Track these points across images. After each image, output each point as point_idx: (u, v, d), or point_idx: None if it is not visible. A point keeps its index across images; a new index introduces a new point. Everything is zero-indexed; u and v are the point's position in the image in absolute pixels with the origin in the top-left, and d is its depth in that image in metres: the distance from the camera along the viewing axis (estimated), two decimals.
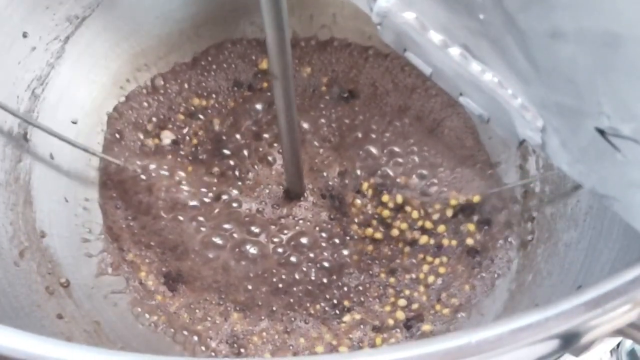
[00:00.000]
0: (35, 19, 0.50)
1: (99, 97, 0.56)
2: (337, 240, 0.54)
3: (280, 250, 0.54)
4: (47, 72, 0.52)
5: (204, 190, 0.56)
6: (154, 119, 0.58)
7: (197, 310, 0.52)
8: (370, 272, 0.53)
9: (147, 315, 0.52)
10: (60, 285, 0.49)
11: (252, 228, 0.54)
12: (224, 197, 0.55)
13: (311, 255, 0.54)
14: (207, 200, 0.55)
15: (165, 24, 0.58)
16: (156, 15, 0.57)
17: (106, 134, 0.56)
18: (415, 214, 0.55)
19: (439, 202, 0.55)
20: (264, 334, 0.51)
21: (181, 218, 0.54)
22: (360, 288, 0.53)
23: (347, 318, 0.52)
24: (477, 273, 0.53)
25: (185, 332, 0.51)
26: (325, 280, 0.53)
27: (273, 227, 0.54)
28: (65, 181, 0.53)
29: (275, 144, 0.58)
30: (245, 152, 0.57)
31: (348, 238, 0.54)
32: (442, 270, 0.53)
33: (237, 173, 0.57)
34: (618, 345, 0.51)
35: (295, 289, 0.52)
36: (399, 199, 0.55)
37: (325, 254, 0.54)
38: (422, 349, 0.22)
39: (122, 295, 0.52)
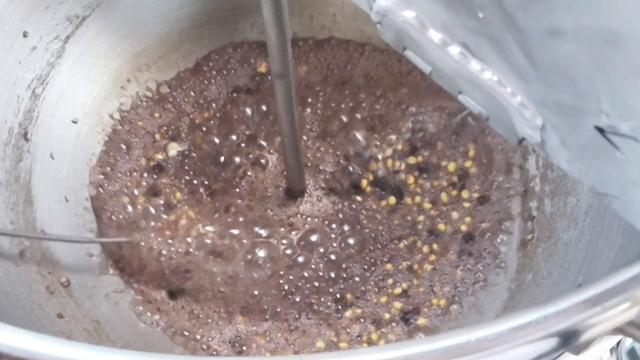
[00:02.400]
0: (36, 18, 0.50)
1: (100, 96, 0.56)
2: (346, 227, 0.54)
3: (289, 251, 0.53)
4: (48, 72, 0.52)
5: (208, 212, 0.55)
6: (163, 129, 0.58)
7: (200, 316, 0.52)
8: (373, 259, 0.53)
9: (148, 314, 0.52)
10: (61, 285, 0.49)
11: (262, 232, 0.54)
12: (232, 209, 0.55)
13: (321, 250, 0.53)
14: (216, 216, 0.55)
15: (165, 23, 0.58)
16: (156, 14, 0.57)
17: (109, 141, 0.56)
18: (417, 199, 0.55)
19: (436, 179, 0.55)
20: (268, 332, 0.51)
21: (189, 239, 0.54)
22: (362, 278, 0.53)
23: (348, 313, 0.52)
24: (465, 263, 0.53)
25: (187, 333, 0.51)
26: (332, 275, 0.53)
27: (283, 229, 0.54)
28: (65, 181, 0.53)
29: (266, 146, 0.57)
30: (242, 159, 0.57)
31: (359, 226, 0.54)
32: (432, 257, 0.53)
33: (237, 182, 0.56)
34: (618, 343, 0.51)
35: (303, 287, 0.52)
36: (393, 200, 0.55)
37: (335, 245, 0.54)
38: (422, 346, 0.22)
39: (123, 294, 0.52)
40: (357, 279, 0.53)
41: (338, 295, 0.52)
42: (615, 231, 0.41)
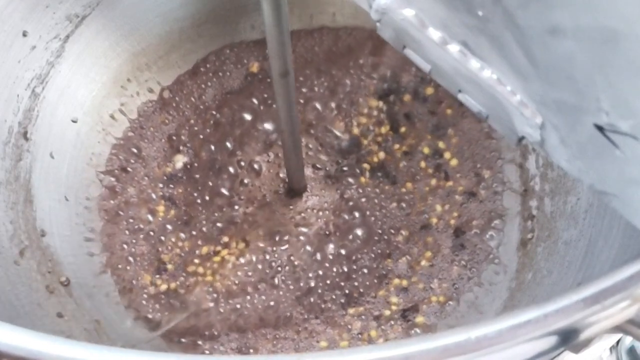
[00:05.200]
0: (36, 17, 0.50)
1: (99, 96, 0.56)
2: (357, 214, 0.54)
3: (309, 248, 0.53)
4: (47, 71, 0.52)
5: (217, 234, 0.55)
6: (173, 138, 0.58)
7: (205, 332, 0.51)
8: (380, 250, 0.53)
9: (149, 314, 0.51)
10: (61, 284, 0.49)
11: (278, 235, 0.54)
12: (238, 220, 0.55)
13: (335, 244, 0.53)
14: (224, 234, 0.54)
15: (165, 23, 0.58)
16: (156, 14, 0.57)
17: (118, 145, 0.56)
18: (409, 185, 0.56)
19: (420, 170, 0.56)
20: (276, 336, 0.51)
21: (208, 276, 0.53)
22: (369, 270, 0.53)
23: (352, 310, 0.51)
24: (460, 259, 0.53)
25: (187, 336, 0.51)
26: (345, 269, 0.52)
27: (296, 228, 0.54)
28: (65, 180, 0.53)
29: (257, 149, 0.57)
30: (238, 168, 0.57)
31: (368, 213, 0.54)
32: (429, 254, 0.53)
33: (237, 190, 0.56)
34: (618, 342, 0.51)
35: (317, 287, 0.52)
36: (390, 188, 0.56)
37: (344, 239, 0.53)
38: (421, 345, 0.22)
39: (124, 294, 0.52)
40: (365, 270, 0.53)
41: (347, 291, 0.52)
42: (615, 230, 0.41)
